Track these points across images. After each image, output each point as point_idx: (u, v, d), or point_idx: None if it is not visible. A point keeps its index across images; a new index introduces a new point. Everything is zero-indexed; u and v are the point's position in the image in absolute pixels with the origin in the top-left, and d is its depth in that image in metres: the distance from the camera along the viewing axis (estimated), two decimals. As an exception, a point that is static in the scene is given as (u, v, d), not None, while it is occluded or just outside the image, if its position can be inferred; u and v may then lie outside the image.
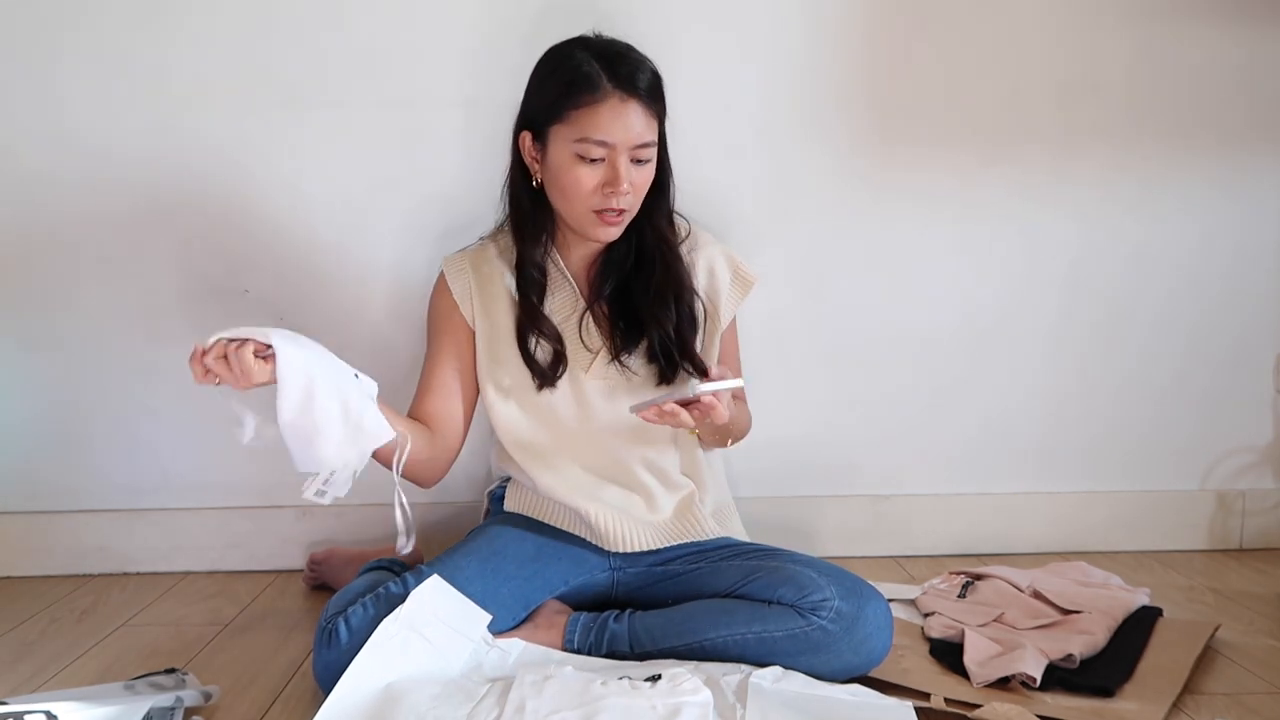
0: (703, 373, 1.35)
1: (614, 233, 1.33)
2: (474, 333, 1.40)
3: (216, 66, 1.64)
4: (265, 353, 1.11)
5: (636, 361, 1.38)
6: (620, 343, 1.38)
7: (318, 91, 1.65)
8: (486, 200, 1.45)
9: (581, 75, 1.27)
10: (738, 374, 1.49)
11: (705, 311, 1.42)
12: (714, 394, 1.19)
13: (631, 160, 1.29)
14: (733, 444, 1.48)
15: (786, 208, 1.72)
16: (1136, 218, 1.75)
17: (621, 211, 1.30)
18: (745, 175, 1.69)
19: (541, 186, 1.35)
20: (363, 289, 1.69)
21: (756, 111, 1.69)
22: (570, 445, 1.38)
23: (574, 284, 1.40)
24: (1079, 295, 1.77)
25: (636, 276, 1.38)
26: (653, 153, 1.32)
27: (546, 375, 1.36)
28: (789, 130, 1.70)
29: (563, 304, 1.40)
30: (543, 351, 1.37)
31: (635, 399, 1.32)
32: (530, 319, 1.37)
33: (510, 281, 1.39)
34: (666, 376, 1.38)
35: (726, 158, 1.64)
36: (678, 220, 1.41)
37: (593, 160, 1.27)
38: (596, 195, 1.28)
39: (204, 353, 1.11)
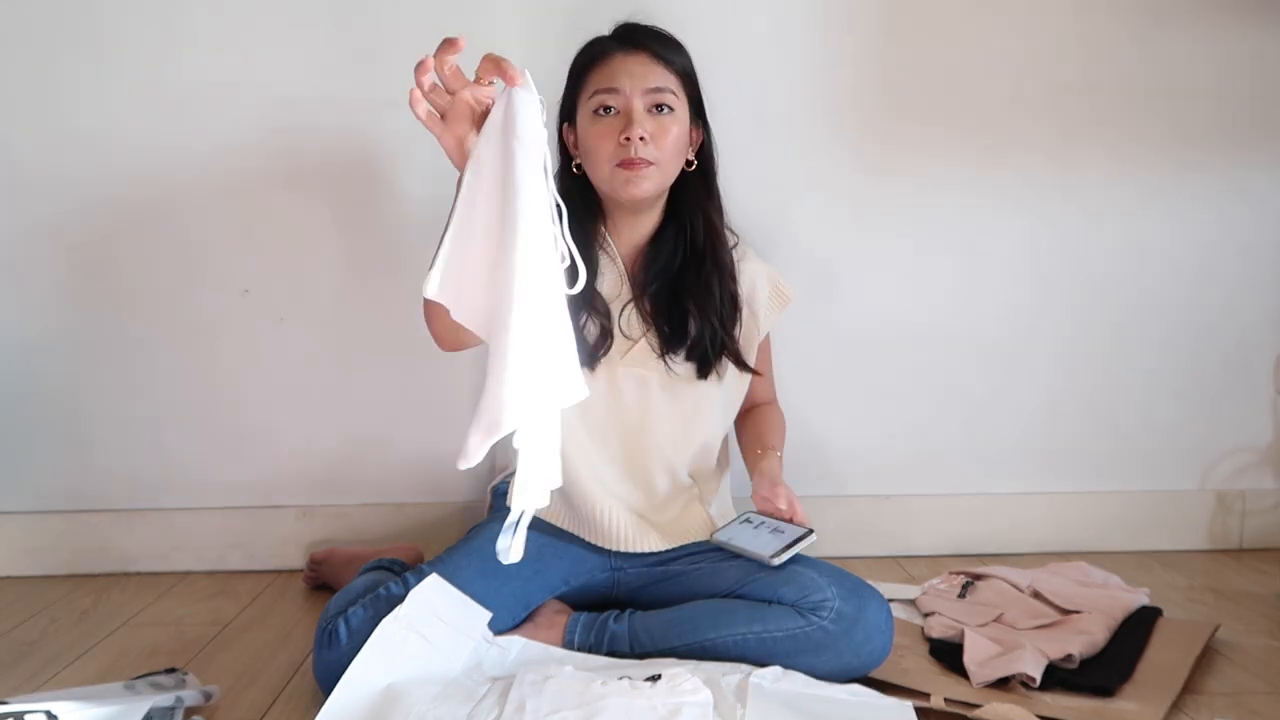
0: (739, 363, 1.40)
1: (643, 186, 1.31)
2: None
3: (219, 65, 1.64)
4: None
5: (675, 353, 1.37)
6: (664, 334, 1.37)
7: (320, 91, 1.65)
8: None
9: (596, 46, 1.36)
10: (770, 386, 1.56)
11: (743, 318, 1.43)
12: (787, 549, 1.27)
13: (649, 108, 1.30)
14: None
15: (788, 208, 1.72)
16: (1136, 218, 1.75)
17: (642, 161, 1.29)
18: (746, 174, 1.68)
19: (581, 169, 1.36)
20: (367, 290, 1.69)
21: (756, 111, 1.69)
22: (593, 428, 1.37)
23: (621, 271, 1.40)
24: (1079, 295, 1.77)
25: (688, 266, 1.38)
26: (671, 100, 1.32)
27: (590, 353, 1.34)
28: (790, 130, 1.70)
29: (609, 289, 1.39)
30: (591, 328, 1.35)
31: (665, 391, 1.36)
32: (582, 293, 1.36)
33: None
34: (703, 371, 1.38)
35: (726, 156, 1.63)
36: (727, 232, 1.43)
37: (608, 111, 1.30)
38: (617, 148, 1.29)
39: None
